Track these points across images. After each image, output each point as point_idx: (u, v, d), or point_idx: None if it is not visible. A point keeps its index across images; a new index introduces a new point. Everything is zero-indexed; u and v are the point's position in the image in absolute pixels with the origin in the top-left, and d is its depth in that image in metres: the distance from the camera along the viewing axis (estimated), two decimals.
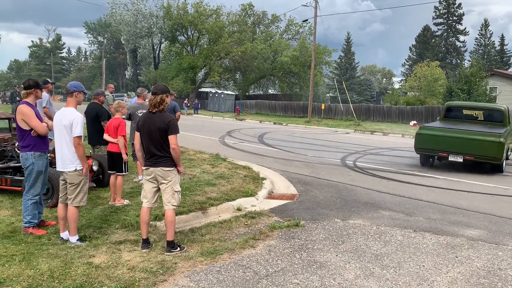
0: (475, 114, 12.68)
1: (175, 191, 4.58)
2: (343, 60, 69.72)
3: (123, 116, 7.07)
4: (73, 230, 4.84)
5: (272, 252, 4.70)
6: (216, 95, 46.91)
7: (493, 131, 10.74)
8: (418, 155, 11.62)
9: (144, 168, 4.66)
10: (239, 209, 6.53)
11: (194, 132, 20.11)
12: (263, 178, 8.72)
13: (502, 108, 12.62)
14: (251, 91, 56.86)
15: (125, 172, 6.57)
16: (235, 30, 48.84)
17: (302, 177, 9.41)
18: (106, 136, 6.65)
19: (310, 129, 26.72)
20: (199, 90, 51.20)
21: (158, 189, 4.67)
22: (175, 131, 4.52)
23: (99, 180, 7.41)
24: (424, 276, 4.17)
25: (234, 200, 6.89)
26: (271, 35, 51.72)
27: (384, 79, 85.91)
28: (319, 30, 68.37)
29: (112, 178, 6.55)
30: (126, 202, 6.45)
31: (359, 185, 8.69)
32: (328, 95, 64.59)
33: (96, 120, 7.32)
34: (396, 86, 69.44)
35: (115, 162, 6.53)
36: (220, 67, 46.52)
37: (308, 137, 19.98)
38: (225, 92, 48.87)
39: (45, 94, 7.68)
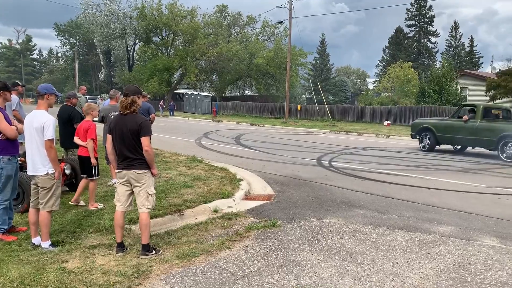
0: (498, 113, 15.10)
1: (149, 194, 4.54)
2: (318, 61, 70.46)
3: (96, 119, 6.97)
4: (45, 235, 4.73)
5: (249, 252, 4.71)
6: (192, 96, 46.70)
7: None
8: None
9: (117, 171, 4.60)
10: (215, 211, 6.50)
11: (170, 134, 19.96)
12: (240, 179, 8.72)
13: (510, 108, 15.56)
14: (228, 93, 56.86)
15: (95, 176, 6.45)
16: (211, 32, 48.73)
17: (278, 178, 9.46)
18: (76, 139, 6.53)
19: (286, 130, 26.89)
20: (175, 91, 50.85)
21: (132, 192, 4.61)
22: (148, 132, 4.48)
23: (72, 184, 7.26)
24: (397, 272, 4.25)
25: (211, 202, 6.86)
26: (246, 36, 51.84)
27: (359, 80, 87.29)
28: (294, 32, 68.89)
29: (83, 180, 6.46)
30: (100, 206, 6.35)
31: (334, 185, 8.79)
32: (304, 96, 65.15)
33: (69, 122, 7.18)
34: (370, 87, 70.73)
35: (86, 166, 6.42)
36: (195, 68, 46.33)
37: (284, 138, 20.10)
38: (202, 93, 48.74)
39: (14, 97, 7.47)
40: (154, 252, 4.53)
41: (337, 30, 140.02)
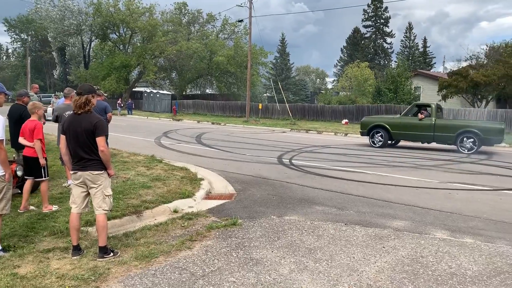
0: (440, 111, 16.80)
1: (106, 195, 4.44)
2: (278, 60, 71.07)
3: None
4: None
5: (209, 252, 4.70)
6: (152, 94, 45.87)
7: None
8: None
9: (72, 172, 4.47)
10: (175, 211, 6.44)
11: (128, 133, 19.55)
12: (201, 179, 8.68)
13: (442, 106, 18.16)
14: (188, 91, 56.30)
15: (45, 177, 6.21)
16: (170, 29, 48.06)
17: (240, 176, 9.48)
18: (21, 140, 6.25)
19: (248, 129, 26.96)
20: (133, 89, 49.77)
21: (88, 194, 4.50)
22: (103, 132, 4.37)
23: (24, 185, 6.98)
24: (354, 267, 4.38)
25: (171, 202, 6.79)
26: (206, 34, 51.49)
27: (318, 79, 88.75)
28: (254, 31, 69.33)
29: (27, 183, 6.20)
30: (54, 208, 6.14)
31: (294, 182, 8.91)
32: (265, 95, 65.53)
33: (20, 122, 6.87)
34: (329, 86, 72.14)
35: (33, 167, 6.16)
36: (154, 66, 45.53)
37: (246, 137, 20.15)
38: (161, 91, 47.94)
39: None
40: (111, 254, 4.44)
41: (297, 30, 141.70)
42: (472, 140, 15.04)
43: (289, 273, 4.17)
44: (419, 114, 16.19)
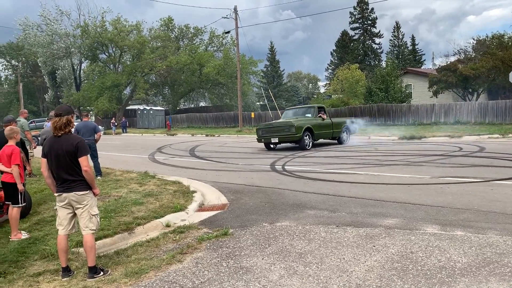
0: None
1: (93, 215, 4.45)
2: (269, 68, 71.43)
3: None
4: None
5: (199, 264, 4.70)
6: (145, 111, 45.98)
7: None
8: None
9: (56, 194, 4.47)
10: (168, 225, 6.44)
11: (123, 151, 19.56)
12: (194, 191, 8.68)
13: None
14: (181, 105, 56.47)
15: (21, 203, 6.10)
16: (159, 45, 48.30)
17: (233, 186, 9.49)
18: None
19: (241, 138, 27.01)
20: (127, 108, 49.86)
21: (74, 215, 4.50)
22: (85, 152, 4.39)
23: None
24: (344, 268, 4.39)
25: (163, 216, 6.78)
26: (195, 48, 51.78)
27: (310, 84, 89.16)
28: (242, 41, 69.99)
29: (14, 211, 6.07)
30: (24, 235, 5.92)
31: (287, 188, 8.92)
32: (258, 103, 65.73)
33: None
34: (322, 90, 72.39)
35: (11, 193, 6.07)
36: (146, 83, 45.70)
37: (239, 146, 20.19)
38: (154, 108, 48.11)
39: None
40: (102, 273, 4.44)
41: (286, 37, 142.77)
42: (346, 133, 19.30)
43: (279, 278, 4.18)
44: (320, 115, 18.16)
